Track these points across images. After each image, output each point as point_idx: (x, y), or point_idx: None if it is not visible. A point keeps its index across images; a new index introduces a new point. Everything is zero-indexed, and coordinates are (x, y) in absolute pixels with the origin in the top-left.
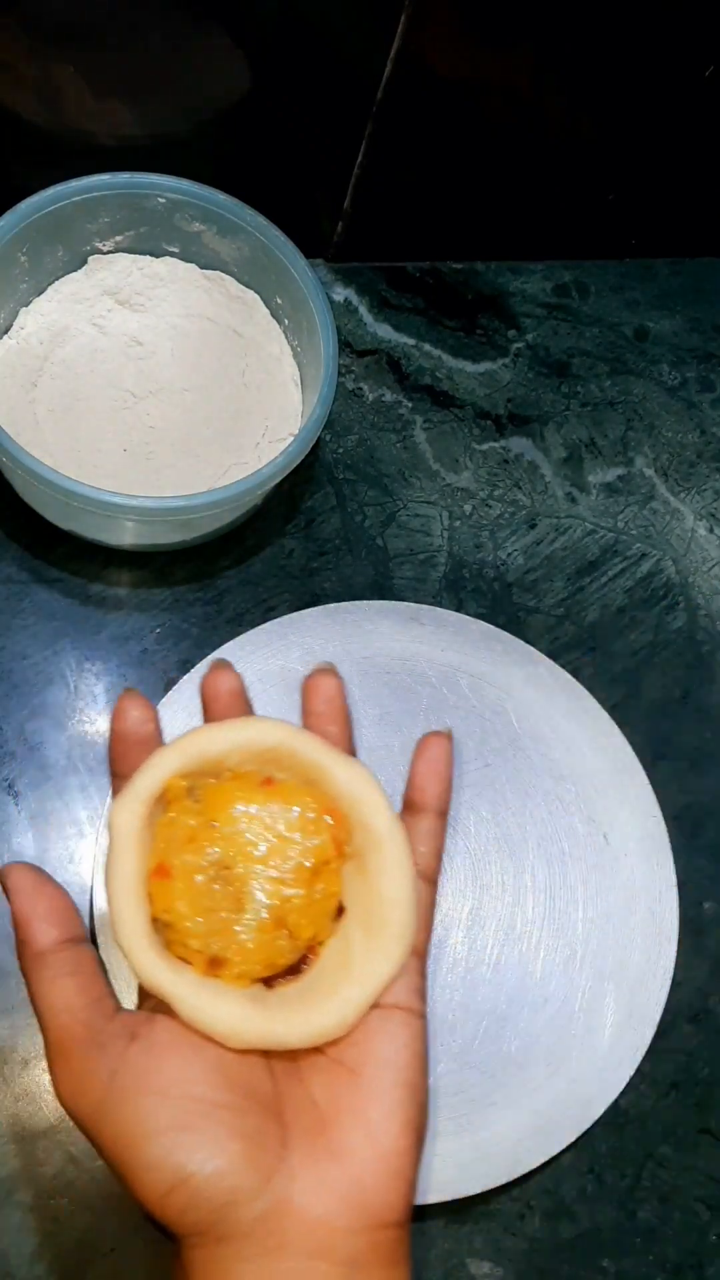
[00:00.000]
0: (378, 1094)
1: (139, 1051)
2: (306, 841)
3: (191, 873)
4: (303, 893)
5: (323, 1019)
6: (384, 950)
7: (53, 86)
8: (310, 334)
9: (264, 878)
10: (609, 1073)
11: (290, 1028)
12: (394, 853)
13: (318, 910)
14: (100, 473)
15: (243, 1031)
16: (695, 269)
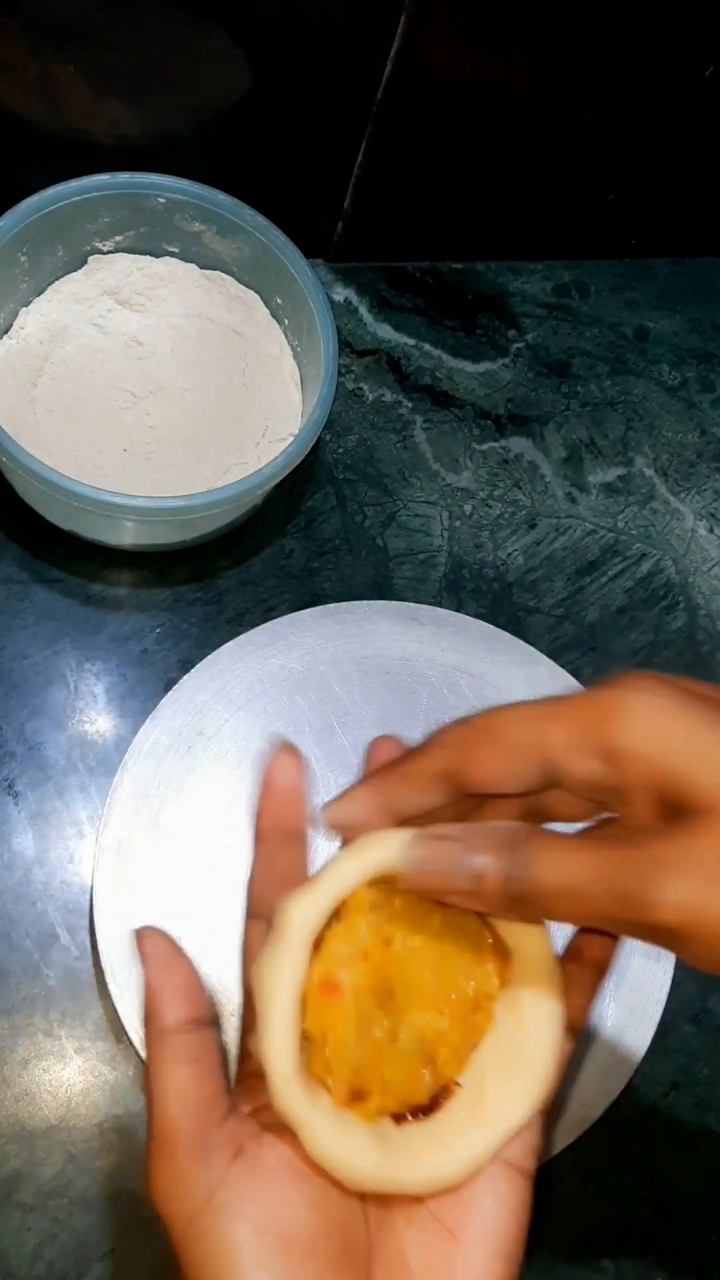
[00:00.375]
0: (472, 1264)
1: (241, 1172)
2: (472, 969)
3: (360, 994)
4: (457, 1026)
5: (447, 1164)
6: (520, 1094)
7: (53, 86)
8: (310, 334)
9: (423, 1010)
10: (609, 1073)
11: (413, 1172)
12: (549, 990)
13: (466, 1046)
14: (100, 473)
15: (361, 1171)
16: (695, 269)
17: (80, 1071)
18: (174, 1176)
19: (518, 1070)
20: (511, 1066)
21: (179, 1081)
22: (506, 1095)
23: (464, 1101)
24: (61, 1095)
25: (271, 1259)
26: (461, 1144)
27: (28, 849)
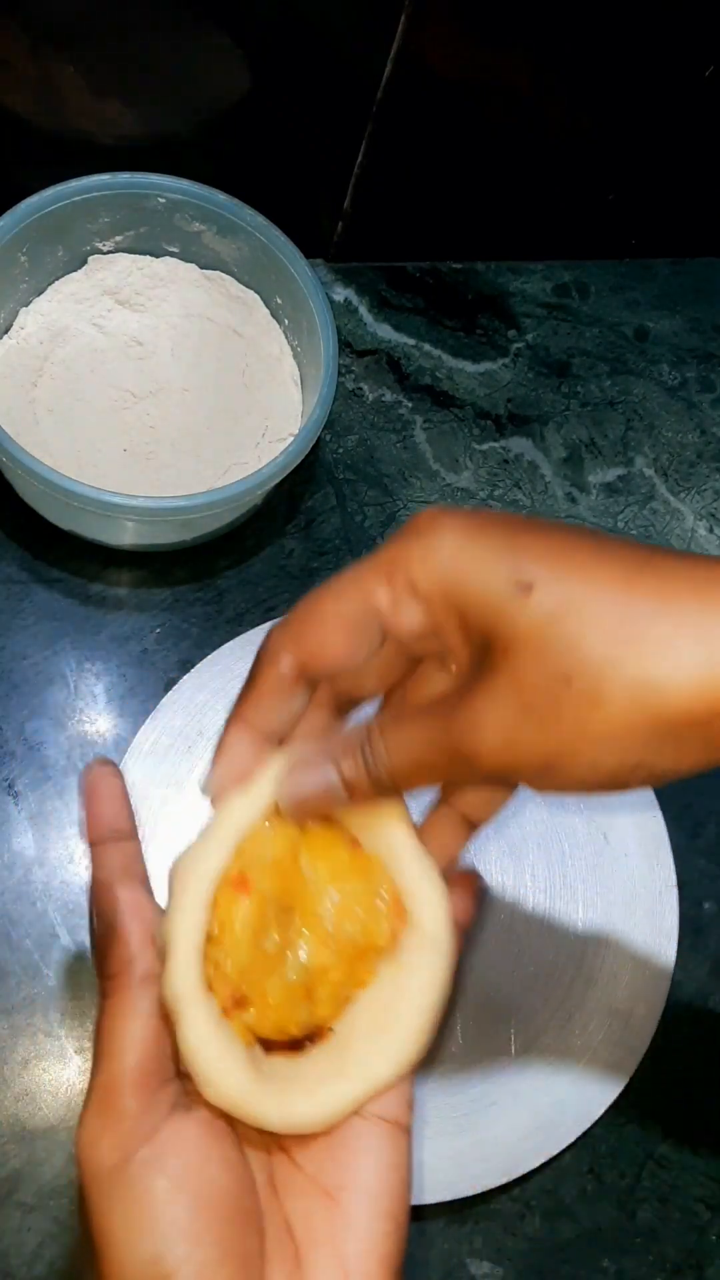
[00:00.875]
0: (356, 1227)
1: (170, 1131)
2: (368, 921)
3: (264, 900)
4: (341, 969)
5: (308, 1111)
6: (388, 1052)
7: (53, 86)
8: (310, 334)
9: (313, 940)
10: (610, 1073)
11: (275, 1109)
12: (437, 962)
13: (345, 992)
14: (100, 473)
15: (227, 1088)
16: (695, 269)
17: (81, 1071)
18: (109, 1125)
19: (390, 1028)
20: (384, 1024)
21: (144, 1033)
22: (375, 1051)
23: (333, 1049)
24: (62, 1095)
25: (186, 1217)
26: (325, 1092)
27: (28, 849)
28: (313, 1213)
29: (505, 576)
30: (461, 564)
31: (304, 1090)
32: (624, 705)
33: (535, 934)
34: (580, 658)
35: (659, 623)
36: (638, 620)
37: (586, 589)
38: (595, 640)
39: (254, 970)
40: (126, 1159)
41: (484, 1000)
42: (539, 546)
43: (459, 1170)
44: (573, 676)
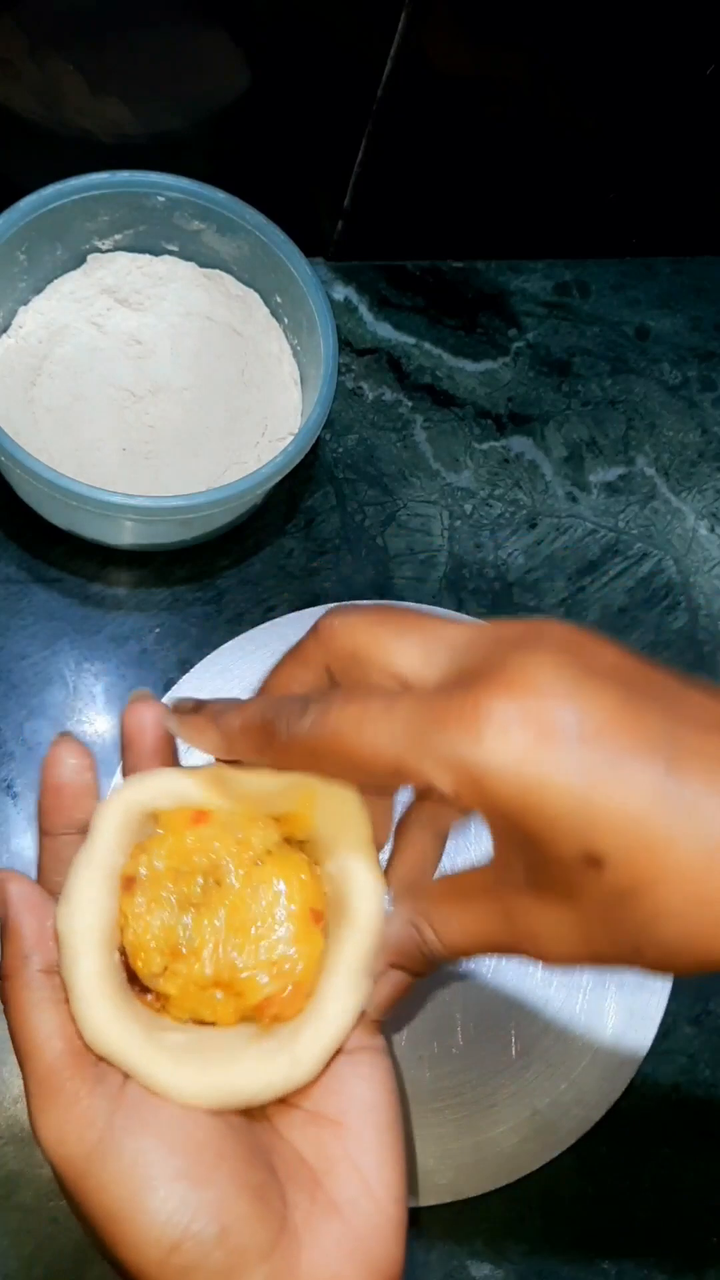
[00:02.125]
0: (366, 1141)
1: (136, 1094)
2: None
3: (205, 848)
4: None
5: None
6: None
7: (52, 85)
8: (310, 333)
9: (212, 923)
10: (610, 1074)
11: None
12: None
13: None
14: (99, 472)
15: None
16: (696, 268)
17: None
18: (64, 1111)
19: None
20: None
21: (54, 1018)
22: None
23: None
24: None
25: (187, 1166)
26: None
27: (27, 849)
28: (321, 1138)
29: (575, 842)
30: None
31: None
32: (694, 968)
33: None
34: (650, 939)
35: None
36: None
37: (661, 876)
38: (668, 931)
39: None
40: (100, 1136)
41: (484, 1001)
42: (615, 806)
43: (459, 1172)
44: (642, 949)
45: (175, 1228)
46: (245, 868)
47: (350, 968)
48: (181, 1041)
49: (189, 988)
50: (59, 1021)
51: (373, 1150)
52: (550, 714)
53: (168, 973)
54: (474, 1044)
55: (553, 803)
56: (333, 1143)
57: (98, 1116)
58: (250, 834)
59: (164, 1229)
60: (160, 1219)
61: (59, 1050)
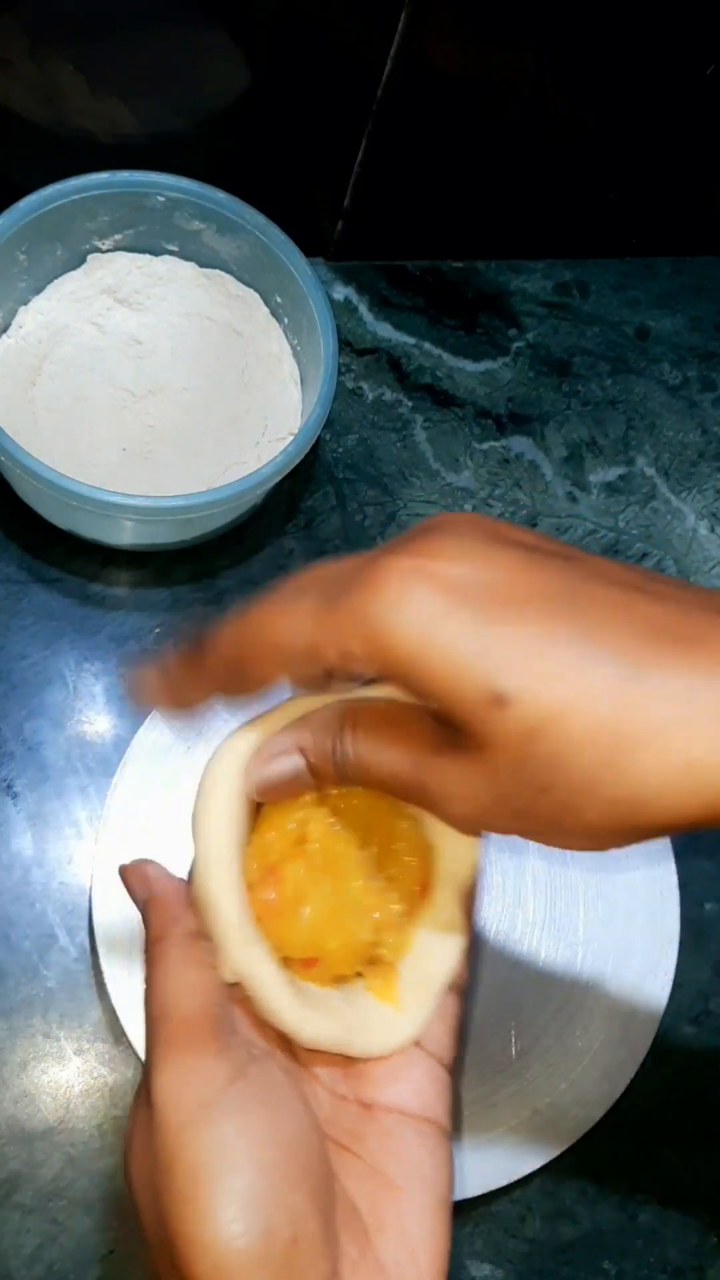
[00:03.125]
0: (420, 1212)
1: (258, 1073)
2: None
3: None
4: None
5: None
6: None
7: (52, 85)
8: (310, 333)
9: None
10: (610, 1074)
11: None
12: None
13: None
14: (99, 472)
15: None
16: (696, 268)
17: (79, 1073)
18: (191, 1066)
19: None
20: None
21: (197, 979)
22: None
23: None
24: (60, 1097)
25: (280, 1161)
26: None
27: (26, 849)
28: (376, 1197)
29: (478, 685)
30: (429, 656)
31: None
32: (603, 817)
33: (535, 935)
34: (559, 776)
35: (643, 750)
36: (622, 743)
37: (566, 707)
38: (575, 762)
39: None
40: (214, 1099)
41: (484, 1001)
42: (516, 646)
43: (459, 1172)
44: (551, 788)
45: (253, 1217)
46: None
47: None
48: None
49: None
50: (200, 983)
51: (424, 1221)
52: (448, 569)
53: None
54: (474, 1044)
55: (454, 650)
56: (388, 1204)
57: (219, 1077)
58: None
59: (242, 1213)
60: (241, 1201)
61: (197, 1008)
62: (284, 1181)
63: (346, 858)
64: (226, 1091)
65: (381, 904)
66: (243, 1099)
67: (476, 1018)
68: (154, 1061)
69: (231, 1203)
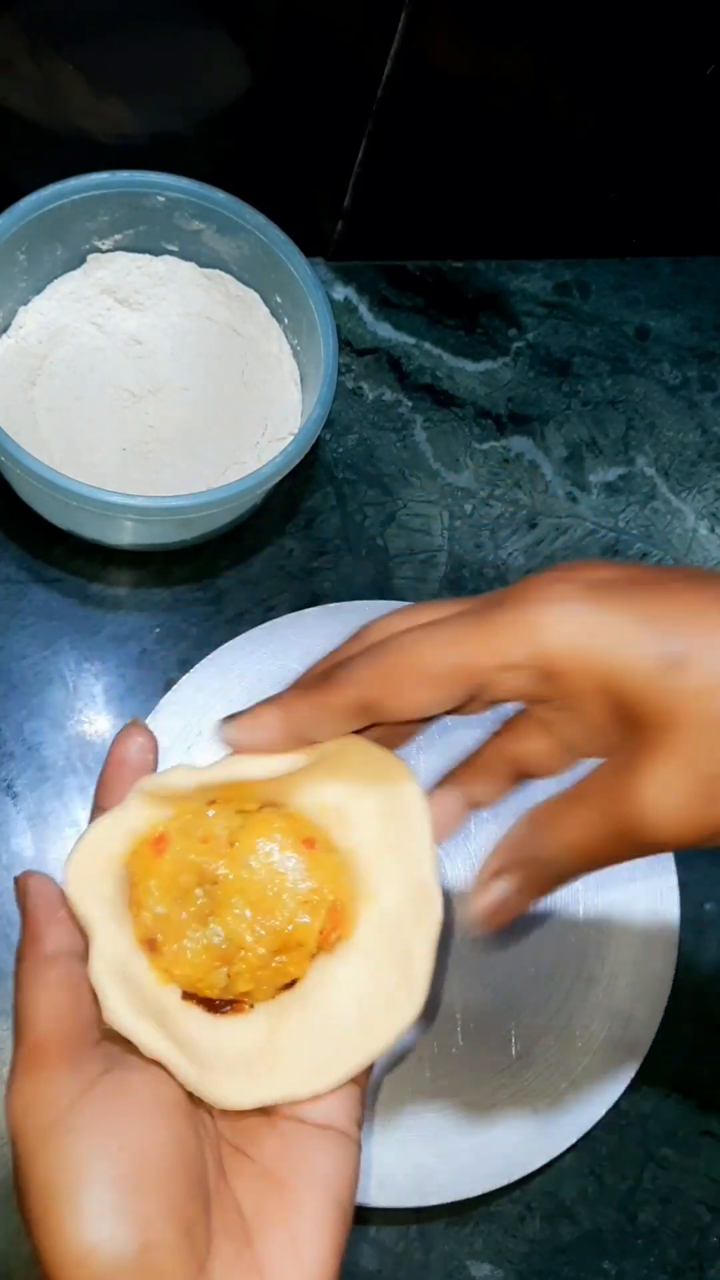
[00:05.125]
0: (308, 1211)
1: (107, 1090)
2: (298, 915)
3: (182, 864)
4: (262, 953)
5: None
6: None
7: (52, 85)
8: (310, 333)
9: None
10: (610, 1074)
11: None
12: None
13: (267, 976)
14: (99, 472)
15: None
16: (696, 268)
17: None
18: (40, 1086)
19: (321, 1042)
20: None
21: (57, 1000)
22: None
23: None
24: None
25: (132, 1175)
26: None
27: (26, 850)
28: (264, 1197)
29: (654, 652)
30: (598, 638)
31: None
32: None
33: (536, 934)
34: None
35: None
36: None
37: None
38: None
39: (170, 923)
40: (60, 1116)
41: (484, 1000)
42: (678, 612)
43: (459, 1172)
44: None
45: (98, 1231)
46: (224, 856)
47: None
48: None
49: (258, 974)
50: (54, 1003)
51: (313, 1224)
52: (588, 574)
53: (231, 977)
54: (474, 1044)
55: (621, 628)
56: (274, 1204)
57: (63, 1096)
58: (210, 828)
59: (87, 1229)
60: (86, 1218)
61: (47, 1029)
62: (133, 1191)
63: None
64: (74, 1106)
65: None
66: (91, 1114)
67: (476, 1018)
68: (10, 1080)
69: (78, 1215)
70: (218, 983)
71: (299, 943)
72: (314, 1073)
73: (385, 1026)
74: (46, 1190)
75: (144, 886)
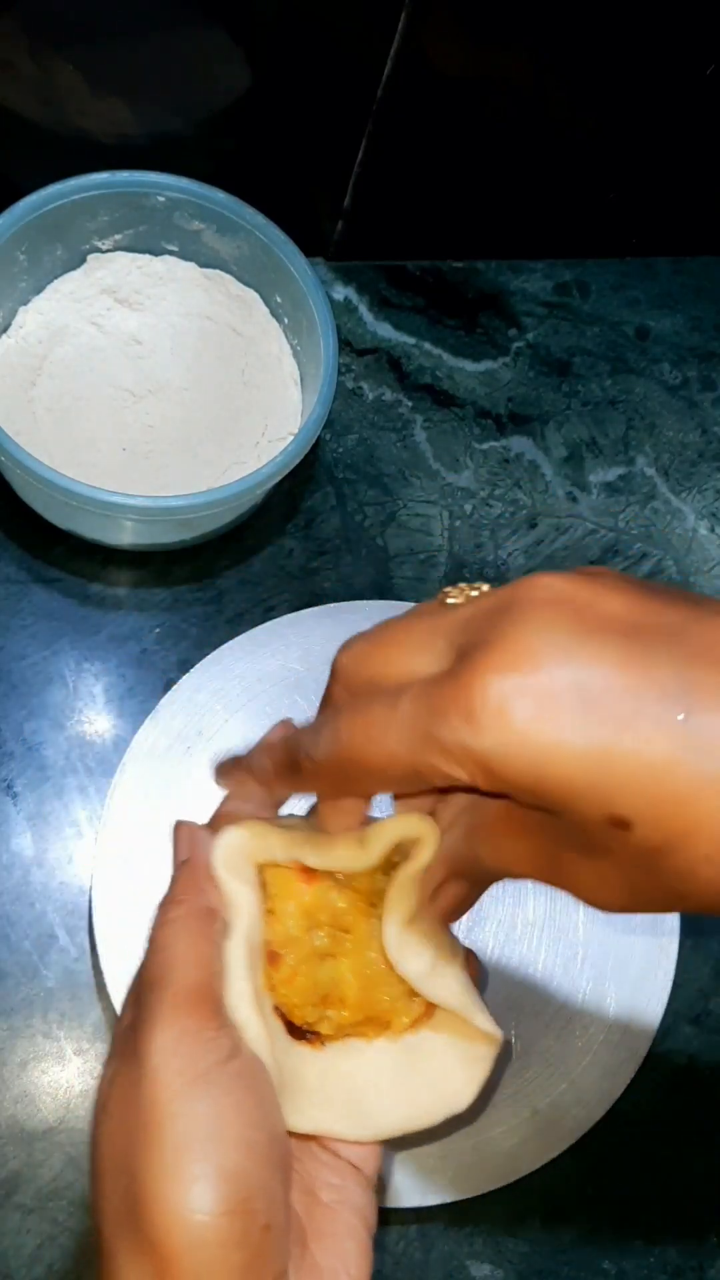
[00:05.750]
0: (352, 1230)
1: (249, 1059)
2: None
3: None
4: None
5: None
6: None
7: (52, 85)
8: (310, 333)
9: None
10: (610, 1074)
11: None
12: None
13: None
14: (99, 472)
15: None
16: (696, 268)
17: (79, 1073)
18: (191, 1034)
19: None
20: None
21: (206, 953)
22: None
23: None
24: (60, 1097)
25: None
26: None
27: (26, 850)
28: (312, 1209)
29: (598, 809)
30: (544, 783)
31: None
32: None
33: (536, 935)
34: (691, 887)
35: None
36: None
37: (691, 829)
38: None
39: (298, 946)
40: (211, 1068)
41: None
42: (629, 766)
43: (459, 1172)
44: (685, 896)
45: (236, 1194)
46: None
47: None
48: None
49: (343, 1027)
50: (209, 958)
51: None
52: (547, 683)
53: (322, 1020)
54: None
55: (567, 773)
56: (323, 1219)
57: (217, 1051)
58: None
59: (225, 1188)
60: (226, 1176)
61: (205, 979)
62: (267, 1166)
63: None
64: (225, 1066)
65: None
66: (239, 1077)
67: None
68: (152, 1021)
69: (218, 1177)
70: (311, 1016)
71: (387, 1024)
72: (361, 1119)
73: (431, 1109)
74: (185, 1140)
75: (284, 902)
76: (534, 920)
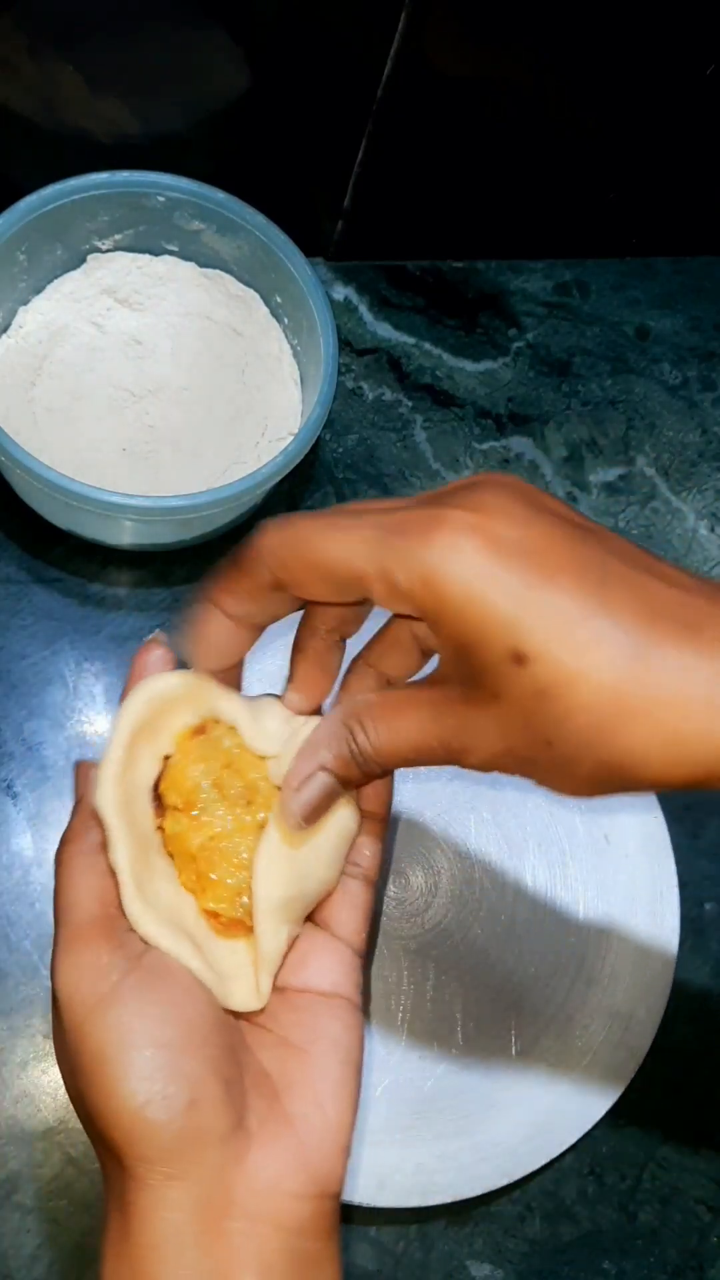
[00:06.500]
0: (326, 1070)
1: (152, 961)
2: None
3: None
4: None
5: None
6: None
7: (52, 85)
8: (310, 333)
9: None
10: (610, 1074)
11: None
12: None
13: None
14: (99, 472)
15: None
16: (696, 268)
17: None
18: (84, 961)
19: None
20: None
21: (96, 885)
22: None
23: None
24: (61, 1097)
25: (174, 1036)
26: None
27: (27, 850)
28: (285, 1061)
29: (506, 640)
30: (469, 607)
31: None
32: (594, 773)
33: (536, 934)
34: (560, 733)
35: (637, 721)
36: (620, 713)
37: (578, 675)
38: (576, 724)
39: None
40: (110, 989)
41: (484, 1001)
42: (547, 612)
43: (459, 1172)
44: (553, 742)
45: (152, 1087)
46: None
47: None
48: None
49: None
50: (100, 889)
51: (331, 1079)
52: (499, 529)
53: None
54: (474, 1044)
55: (491, 604)
56: (296, 1067)
57: (113, 971)
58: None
59: (142, 1084)
60: (141, 1074)
61: (94, 911)
62: (180, 1053)
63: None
64: (123, 980)
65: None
66: (138, 987)
67: (476, 1018)
68: (56, 959)
69: (130, 1076)
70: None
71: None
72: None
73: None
74: (100, 1055)
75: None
76: (534, 921)
